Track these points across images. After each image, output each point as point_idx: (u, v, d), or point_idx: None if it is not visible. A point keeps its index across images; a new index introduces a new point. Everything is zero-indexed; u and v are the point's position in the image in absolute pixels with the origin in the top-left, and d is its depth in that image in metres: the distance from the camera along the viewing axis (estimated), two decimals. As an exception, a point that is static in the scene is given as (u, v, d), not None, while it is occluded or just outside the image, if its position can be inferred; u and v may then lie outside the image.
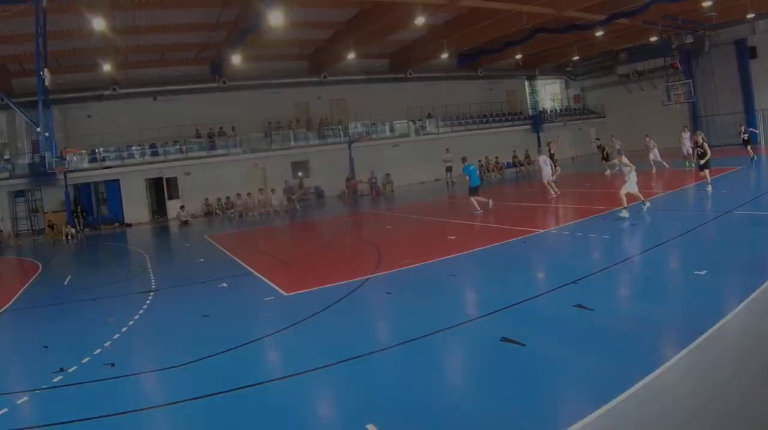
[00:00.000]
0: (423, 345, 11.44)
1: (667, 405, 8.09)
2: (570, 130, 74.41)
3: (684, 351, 9.51)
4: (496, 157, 60.74)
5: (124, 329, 14.73)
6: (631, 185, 24.23)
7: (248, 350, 12.38)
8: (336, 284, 17.58)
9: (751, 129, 43.31)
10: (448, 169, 53.04)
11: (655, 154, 39.85)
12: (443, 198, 40.17)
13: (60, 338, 14.89)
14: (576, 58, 69.37)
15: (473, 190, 30.76)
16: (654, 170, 38.64)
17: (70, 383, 11.19)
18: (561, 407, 8.40)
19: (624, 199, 23.60)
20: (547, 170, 34.08)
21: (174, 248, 33.44)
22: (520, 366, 9.88)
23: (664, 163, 39.15)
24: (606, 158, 46.20)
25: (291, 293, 17.10)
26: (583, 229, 22.68)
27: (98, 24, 34.49)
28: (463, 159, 32.25)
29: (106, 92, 51.18)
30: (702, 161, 27.58)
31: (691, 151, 38.53)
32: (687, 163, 39.90)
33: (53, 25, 36.06)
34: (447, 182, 53.52)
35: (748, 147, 39.16)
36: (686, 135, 41.68)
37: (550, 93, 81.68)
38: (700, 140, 27.54)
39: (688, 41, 57.10)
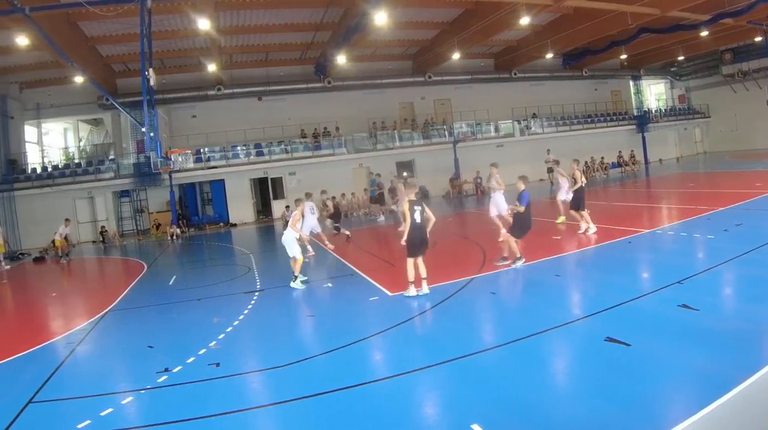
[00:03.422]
0: (527, 345, 11.41)
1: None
2: (674, 130, 73.54)
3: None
4: (602, 158, 59.95)
5: (229, 329, 14.84)
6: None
7: (353, 350, 12.35)
8: (441, 284, 17.45)
9: None
10: (550, 170, 52.31)
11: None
12: (546, 199, 39.72)
13: (165, 338, 15.04)
14: (681, 57, 68.55)
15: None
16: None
17: (174, 383, 11.34)
18: (666, 407, 8.30)
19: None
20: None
21: (279, 248, 33.25)
22: (624, 366, 9.81)
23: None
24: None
25: (396, 293, 16.99)
26: (688, 229, 22.29)
27: (203, 24, 34.82)
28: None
29: (211, 92, 52.17)
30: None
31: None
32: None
33: (158, 26, 36.55)
34: (551, 183, 52.71)
35: None
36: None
37: (654, 93, 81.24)
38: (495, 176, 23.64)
39: (793, 41, 55.90)
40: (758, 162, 35.99)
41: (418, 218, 16.05)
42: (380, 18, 34.75)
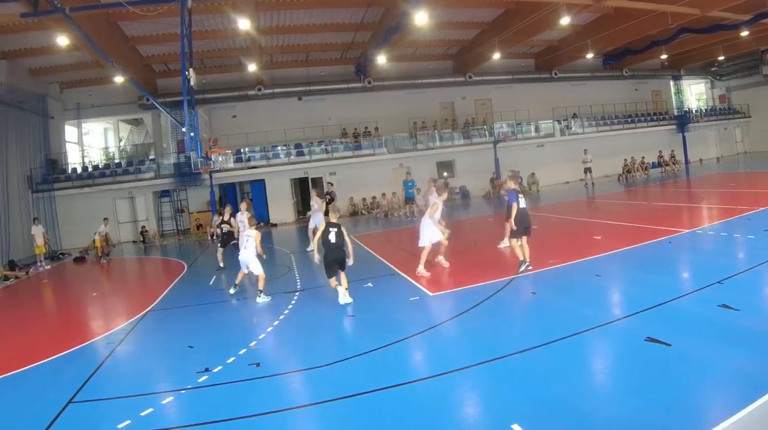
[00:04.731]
0: (567, 345, 11.42)
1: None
2: (715, 130, 73.17)
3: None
4: (642, 158, 59.55)
5: (269, 329, 14.90)
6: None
7: (393, 350, 12.36)
8: (481, 284, 17.48)
9: None
10: (587, 170, 52.07)
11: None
12: (586, 198, 39.51)
13: (205, 338, 15.01)
14: (721, 57, 68.03)
15: None
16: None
17: (215, 383, 11.39)
18: (706, 407, 8.38)
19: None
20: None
21: (320, 248, 33.54)
22: (665, 366, 9.83)
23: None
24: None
25: (436, 293, 17.06)
26: (728, 229, 22.06)
27: (243, 24, 34.95)
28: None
29: (251, 92, 52.41)
30: None
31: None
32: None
33: (198, 26, 36.69)
34: (586, 183, 52.45)
35: None
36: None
37: (695, 93, 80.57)
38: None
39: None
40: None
41: (333, 238, 16.99)
42: (420, 18, 34.68)
